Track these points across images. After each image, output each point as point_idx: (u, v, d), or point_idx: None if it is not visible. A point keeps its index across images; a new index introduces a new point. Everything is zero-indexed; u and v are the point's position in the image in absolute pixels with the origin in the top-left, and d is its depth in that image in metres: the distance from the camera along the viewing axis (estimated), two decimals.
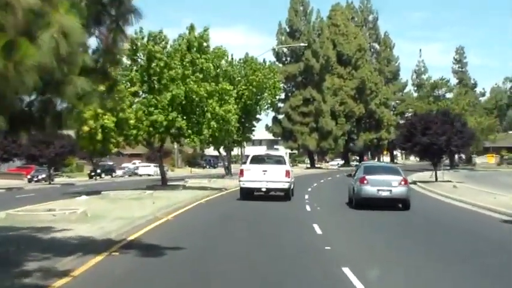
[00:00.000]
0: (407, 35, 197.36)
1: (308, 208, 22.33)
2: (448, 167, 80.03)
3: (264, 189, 25.27)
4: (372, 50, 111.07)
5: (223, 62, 31.17)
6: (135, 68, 31.63)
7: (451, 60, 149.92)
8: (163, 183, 32.89)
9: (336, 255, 11.65)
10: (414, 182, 46.36)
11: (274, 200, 25.28)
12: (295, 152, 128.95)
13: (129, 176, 73.41)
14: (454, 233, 16.11)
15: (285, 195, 25.45)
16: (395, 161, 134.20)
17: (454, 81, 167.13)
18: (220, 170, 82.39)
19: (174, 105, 30.59)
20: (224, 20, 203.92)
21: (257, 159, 26.56)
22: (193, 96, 30.40)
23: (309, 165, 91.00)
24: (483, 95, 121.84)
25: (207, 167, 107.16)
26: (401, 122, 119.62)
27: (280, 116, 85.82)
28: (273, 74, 47.42)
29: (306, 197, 27.64)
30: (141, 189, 31.67)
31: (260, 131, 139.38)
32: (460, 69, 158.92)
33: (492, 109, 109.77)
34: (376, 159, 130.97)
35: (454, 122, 46.52)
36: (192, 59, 30.95)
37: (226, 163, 53.64)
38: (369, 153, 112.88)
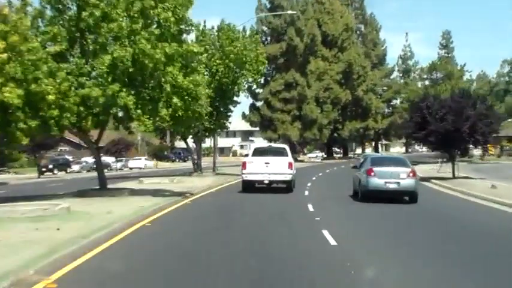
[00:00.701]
0: (385, 24, 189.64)
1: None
2: (445, 160, 72.00)
3: (266, 182, 25.16)
4: (358, 32, 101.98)
5: (189, 13, 21.47)
6: (61, 22, 21.79)
7: (433, 49, 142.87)
8: (102, 187, 23.02)
9: None
10: (426, 179, 37.66)
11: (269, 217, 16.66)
12: (274, 142, 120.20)
13: (88, 171, 63.74)
14: None
15: (287, 187, 25.20)
16: (380, 152, 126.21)
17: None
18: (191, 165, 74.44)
19: (117, 73, 20.91)
20: None
21: (259, 152, 26.40)
22: (145, 62, 20.71)
23: None
24: (471, 82, 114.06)
25: (177, 160, 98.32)
26: (394, 106, 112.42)
27: (259, 103, 76.40)
28: (255, 44, 37.75)
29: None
30: (68, 196, 21.98)
31: (234, 121, 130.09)
32: (447, 55, 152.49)
33: (486, 95, 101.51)
34: (373, 151, 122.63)
35: (476, 105, 37.58)
36: (144, 7, 21.21)
37: (196, 157, 43.83)
38: (353, 144, 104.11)
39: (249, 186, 25.27)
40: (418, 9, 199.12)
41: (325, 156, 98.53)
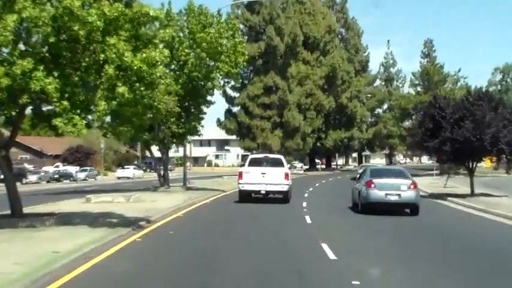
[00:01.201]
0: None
1: None
2: (438, 172, 65.96)
3: (263, 192, 25.11)
4: (340, 36, 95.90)
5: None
6: None
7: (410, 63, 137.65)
8: (14, 213, 15.61)
9: None
10: (438, 196, 31.35)
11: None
12: (251, 153, 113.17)
13: (48, 182, 56.85)
14: None
15: (284, 198, 25.17)
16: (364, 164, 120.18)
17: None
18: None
19: (30, 43, 13.93)
20: None
21: (256, 162, 26.32)
22: (74, 27, 13.77)
23: None
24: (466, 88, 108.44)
25: (148, 170, 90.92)
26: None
27: (235, 109, 69.51)
28: (232, 32, 30.78)
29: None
30: None
31: (209, 129, 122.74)
32: (427, 53, 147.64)
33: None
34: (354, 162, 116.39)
35: (498, 108, 31.27)
36: None
37: (161, 168, 36.41)
38: (336, 155, 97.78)
39: (246, 197, 25.34)
40: (395, 23, 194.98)
41: (306, 167, 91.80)
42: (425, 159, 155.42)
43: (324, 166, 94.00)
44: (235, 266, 10.48)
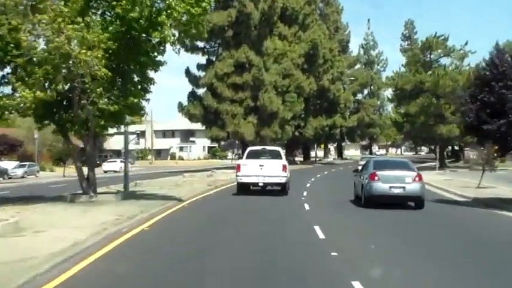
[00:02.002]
0: None
1: None
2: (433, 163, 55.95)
3: (261, 184, 25.11)
4: (319, 11, 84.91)
5: None
6: None
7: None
8: None
9: None
10: (492, 203, 20.86)
11: None
12: (218, 144, 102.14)
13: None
14: None
15: (282, 189, 25.33)
16: (344, 157, 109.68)
17: (402, 60, 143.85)
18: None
19: None
20: None
21: (254, 154, 26.45)
22: None
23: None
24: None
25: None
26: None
27: (201, 91, 57.95)
28: None
29: None
30: None
31: (172, 118, 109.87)
32: (410, 48, 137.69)
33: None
34: (331, 154, 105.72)
35: None
36: None
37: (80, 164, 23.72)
38: (315, 145, 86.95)
39: (244, 189, 25.37)
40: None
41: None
42: (405, 152, 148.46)
43: (302, 159, 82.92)
44: None
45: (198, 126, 62.02)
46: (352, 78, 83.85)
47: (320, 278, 8.79)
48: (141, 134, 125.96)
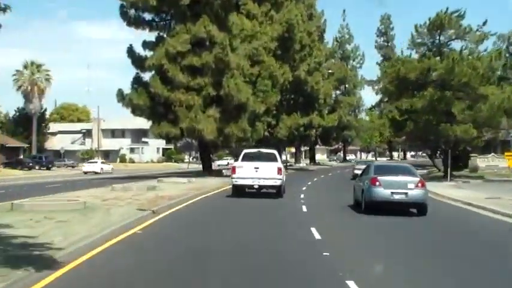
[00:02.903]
0: None
1: None
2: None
3: (256, 187, 25.37)
4: None
5: None
6: None
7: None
8: None
9: None
10: None
11: None
12: (174, 145, 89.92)
13: None
14: None
15: (277, 192, 25.41)
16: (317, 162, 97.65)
17: (377, 58, 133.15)
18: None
19: None
20: None
21: (249, 156, 26.40)
22: None
23: (198, 169, 50.89)
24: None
25: (37, 167, 68.32)
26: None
27: (148, 75, 44.94)
28: None
29: None
30: None
31: (123, 117, 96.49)
32: (386, 44, 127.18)
33: None
34: (304, 159, 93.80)
35: None
36: None
37: None
38: (284, 148, 74.69)
39: (239, 191, 25.41)
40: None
41: None
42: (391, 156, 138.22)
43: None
44: None
45: (141, 117, 48.66)
46: (330, 71, 72.04)
47: None
48: (87, 133, 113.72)
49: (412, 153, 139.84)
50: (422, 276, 9.56)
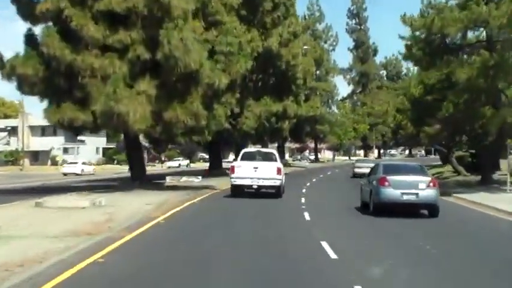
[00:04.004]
0: None
1: None
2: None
3: (255, 187, 25.22)
4: None
5: None
6: None
7: None
8: None
9: None
10: None
11: None
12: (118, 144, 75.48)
13: None
14: None
15: (276, 192, 25.23)
16: (286, 160, 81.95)
17: (349, 43, 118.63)
18: None
19: None
20: None
21: (248, 156, 26.20)
22: None
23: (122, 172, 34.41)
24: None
25: None
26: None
27: (39, 29, 28.41)
28: None
29: None
30: None
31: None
32: (358, 27, 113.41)
33: None
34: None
35: None
36: None
37: None
38: (249, 144, 58.96)
39: (238, 191, 25.26)
40: None
41: (204, 169, 51.89)
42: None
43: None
44: None
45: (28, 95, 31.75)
46: (306, 47, 56.53)
47: None
48: (13, 131, 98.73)
49: (394, 151, 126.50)
50: None
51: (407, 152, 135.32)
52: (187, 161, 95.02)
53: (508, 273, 9.98)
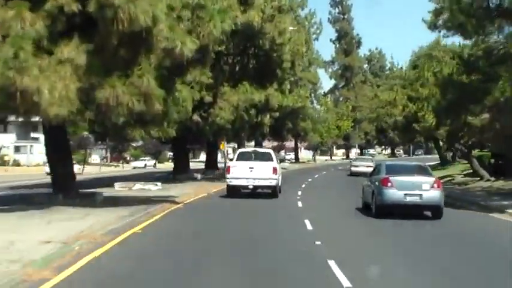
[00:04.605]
0: None
1: None
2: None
3: (250, 187, 25.03)
4: None
5: None
6: None
7: None
8: None
9: None
10: None
11: None
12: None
13: None
14: None
15: (272, 192, 25.03)
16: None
17: (331, 34, 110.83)
18: None
19: None
20: None
21: (244, 156, 26.27)
22: None
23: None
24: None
25: None
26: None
27: None
28: None
29: None
30: None
31: None
32: (342, 16, 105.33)
33: None
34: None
35: None
36: None
37: None
38: (224, 142, 50.31)
39: (234, 192, 25.06)
40: None
41: (168, 173, 42.91)
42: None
43: (199, 175, 43.37)
44: None
45: None
46: (292, 28, 47.87)
47: None
48: None
49: (372, 150, 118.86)
50: None
51: (387, 151, 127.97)
52: (155, 161, 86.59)
53: None
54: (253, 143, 64.26)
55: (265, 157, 26.00)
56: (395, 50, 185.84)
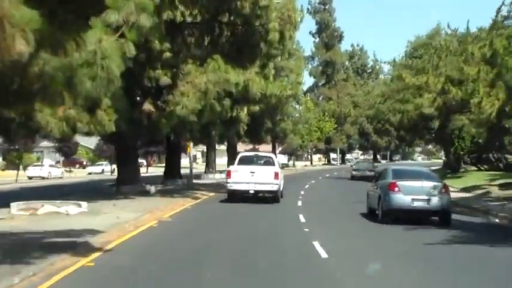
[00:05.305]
0: None
1: None
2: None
3: (252, 192, 24.53)
4: None
5: None
6: None
7: None
8: None
9: None
10: None
11: None
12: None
13: None
14: None
15: (274, 197, 24.63)
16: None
17: (311, 25, 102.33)
18: None
19: None
20: None
21: (245, 160, 26.00)
22: None
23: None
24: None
25: None
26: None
27: None
28: None
29: None
30: None
31: None
32: (323, 7, 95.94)
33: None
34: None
35: None
36: None
37: None
38: (190, 143, 40.04)
39: (234, 197, 24.64)
40: None
41: (110, 181, 32.48)
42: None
43: (153, 187, 32.06)
44: None
45: None
46: (278, 1, 38.14)
47: None
48: None
49: (349, 155, 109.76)
50: None
51: (364, 157, 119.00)
52: (111, 167, 75.63)
53: None
54: (224, 147, 54.22)
55: (267, 161, 25.93)
56: (378, 48, 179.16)
